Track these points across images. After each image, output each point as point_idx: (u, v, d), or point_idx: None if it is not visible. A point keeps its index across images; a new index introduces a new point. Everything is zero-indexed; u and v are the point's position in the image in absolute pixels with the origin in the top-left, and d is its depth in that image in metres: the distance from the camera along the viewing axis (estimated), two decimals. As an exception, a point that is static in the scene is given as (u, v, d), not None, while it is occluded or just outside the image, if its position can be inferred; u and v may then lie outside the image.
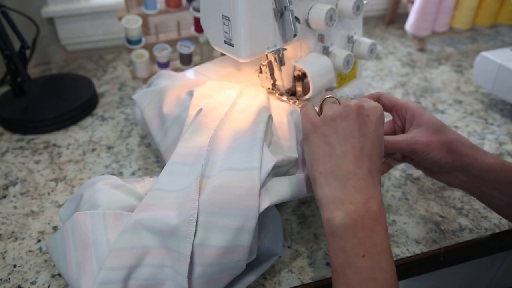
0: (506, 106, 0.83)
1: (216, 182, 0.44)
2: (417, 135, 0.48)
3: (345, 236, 0.38)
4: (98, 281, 0.39)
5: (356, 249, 0.37)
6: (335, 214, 0.38)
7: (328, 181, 0.40)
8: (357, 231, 0.37)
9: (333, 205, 0.39)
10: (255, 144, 0.46)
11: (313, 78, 0.57)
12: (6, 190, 0.64)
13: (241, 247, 0.42)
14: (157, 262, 0.42)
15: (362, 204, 0.38)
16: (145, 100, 0.62)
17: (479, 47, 1.09)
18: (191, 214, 0.41)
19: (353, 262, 0.37)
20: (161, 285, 0.42)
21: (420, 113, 0.50)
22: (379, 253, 0.37)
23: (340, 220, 0.38)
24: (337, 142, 0.41)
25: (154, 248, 0.42)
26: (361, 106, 0.42)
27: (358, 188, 0.39)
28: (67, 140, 0.75)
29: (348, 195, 0.39)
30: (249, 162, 0.45)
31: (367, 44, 0.62)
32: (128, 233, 0.42)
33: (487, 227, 0.56)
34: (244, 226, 0.41)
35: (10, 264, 0.52)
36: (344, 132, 0.41)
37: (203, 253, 0.41)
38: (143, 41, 0.82)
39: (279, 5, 0.51)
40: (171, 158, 0.49)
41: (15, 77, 0.77)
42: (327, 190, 0.40)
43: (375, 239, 0.37)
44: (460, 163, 0.47)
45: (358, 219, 0.38)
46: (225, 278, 0.43)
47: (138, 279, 0.41)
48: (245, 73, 0.66)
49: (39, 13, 0.97)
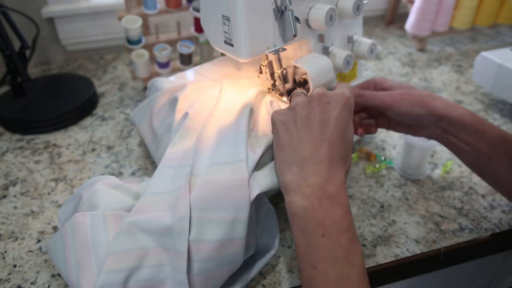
0: (506, 106, 0.83)
1: (205, 178, 0.44)
2: (392, 92, 0.53)
3: (304, 218, 0.39)
4: (98, 285, 0.39)
5: (315, 229, 0.38)
6: (294, 198, 0.40)
7: (288, 167, 0.42)
8: (315, 212, 0.39)
9: (292, 189, 0.41)
10: (239, 137, 0.47)
11: (313, 78, 0.57)
12: (6, 190, 0.64)
13: (236, 239, 0.42)
14: (155, 262, 0.42)
15: (318, 186, 0.40)
16: (139, 115, 0.65)
17: (479, 47, 1.09)
18: (183, 211, 0.42)
19: (313, 241, 0.38)
20: (162, 284, 0.42)
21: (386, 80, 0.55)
22: (338, 232, 0.38)
23: (298, 203, 0.40)
24: (295, 129, 0.43)
25: (151, 248, 0.42)
26: (323, 94, 0.44)
27: (315, 172, 0.40)
28: (67, 140, 0.75)
29: (305, 178, 0.40)
30: (235, 155, 0.46)
31: (367, 44, 0.62)
32: (124, 236, 0.42)
33: (487, 227, 0.56)
34: (237, 217, 0.42)
35: (10, 264, 0.52)
36: (302, 120, 0.43)
37: (200, 249, 0.41)
38: (143, 41, 0.82)
39: (279, 5, 0.51)
40: (161, 163, 0.50)
41: (15, 77, 0.77)
42: (287, 175, 0.42)
43: (333, 219, 0.38)
44: (433, 114, 0.51)
45: (315, 200, 0.39)
46: (224, 272, 0.43)
47: (138, 280, 0.41)
48: (245, 73, 0.67)
49: (39, 13, 0.97)
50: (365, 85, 0.57)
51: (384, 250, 0.53)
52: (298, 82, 0.61)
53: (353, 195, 0.61)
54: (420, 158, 0.63)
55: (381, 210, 0.59)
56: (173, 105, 0.59)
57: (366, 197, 0.61)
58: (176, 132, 0.53)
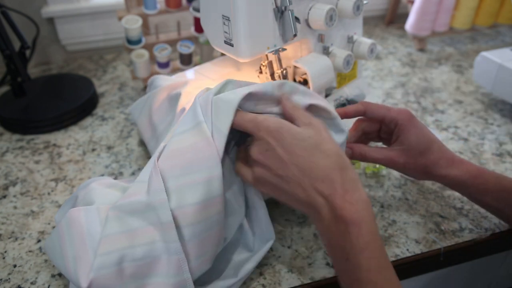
0: (506, 106, 0.83)
1: (170, 148, 0.44)
2: (397, 156, 0.52)
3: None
4: (95, 268, 0.40)
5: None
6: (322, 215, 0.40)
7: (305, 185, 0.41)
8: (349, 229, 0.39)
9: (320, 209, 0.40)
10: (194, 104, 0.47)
11: (313, 78, 0.57)
12: (6, 190, 0.64)
13: (216, 198, 0.43)
14: (147, 240, 0.43)
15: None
16: (137, 110, 0.65)
17: (479, 47, 1.09)
18: (157, 184, 0.42)
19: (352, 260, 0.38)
20: (156, 262, 0.42)
21: (407, 130, 0.52)
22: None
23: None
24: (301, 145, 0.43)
25: (140, 228, 0.43)
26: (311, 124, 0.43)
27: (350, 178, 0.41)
28: (67, 140, 0.75)
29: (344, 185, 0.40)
30: (193, 119, 0.45)
31: (367, 44, 0.62)
32: (113, 221, 0.43)
33: (487, 227, 0.56)
34: (211, 176, 0.42)
35: (10, 264, 0.52)
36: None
37: (185, 214, 0.42)
38: (143, 41, 0.82)
39: (279, 5, 0.51)
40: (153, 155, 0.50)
41: (15, 77, 0.77)
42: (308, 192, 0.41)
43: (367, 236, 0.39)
44: (434, 179, 0.54)
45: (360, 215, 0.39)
46: (213, 235, 0.44)
47: (133, 259, 0.42)
48: (245, 73, 0.66)
49: (39, 13, 0.97)
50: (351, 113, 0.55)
51: (384, 250, 0.53)
52: (298, 82, 0.61)
53: (353, 195, 0.61)
54: None
55: (381, 210, 0.59)
56: (173, 102, 0.59)
57: (366, 197, 0.61)
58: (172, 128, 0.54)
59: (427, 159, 0.52)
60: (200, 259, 0.43)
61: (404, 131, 0.52)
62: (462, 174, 0.51)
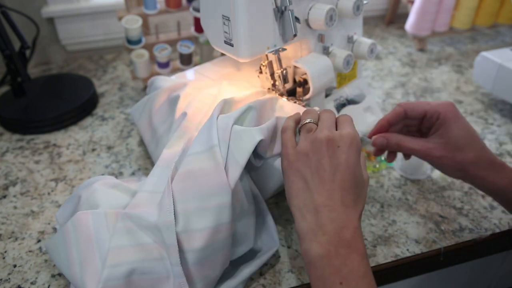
0: (506, 106, 0.83)
1: (182, 170, 0.44)
2: (434, 148, 0.50)
3: (321, 266, 0.39)
4: (103, 279, 0.40)
5: (333, 277, 0.38)
6: (310, 246, 0.40)
7: (302, 214, 0.42)
8: (332, 260, 0.38)
9: (308, 237, 0.40)
10: (210, 123, 0.47)
11: (313, 78, 0.57)
12: (6, 190, 0.64)
13: (224, 225, 0.43)
14: (156, 256, 0.43)
15: (334, 234, 0.39)
16: (137, 112, 0.65)
17: (479, 47, 1.09)
18: (167, 205, 0.42)
19: None
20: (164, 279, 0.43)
21: (449, 123, 0.50)
22: (356, 279, 0.38)
23: (315, 251, 0.39)
24: (310, 176, 0.42)
25: (150, 244, 0.43)
26: (331, 138, 0.43)
27: (330, 219, 0.40)
28: (67, 140, 0.75)
29: (320, 226, 0.40)
30: (208, 142, 0.45)
31: (367, 44, 0.62)
32: (123, 234, 0.43)
33: (487, 227, 0.56)
34: (221, 203, 0.42)
35: (10, 264, 0.52)
36: (316, 167, 0.42)
37: (190, 239, 0.42)
38: (143, 41, 0.82)
39: (279, 5, 0.51)
40: (157, 163, 0.51)
41: (15, 77, 0.77)
42: (302, 223, 0.41)
43: (350, 266, 0.38)
44: (469, 180, 0.51)
45: (332, 248, 0.39)
46: (218, 259, 0.44)
47: (141, 273, 0.42)
48: (245, 73, 0.66)
49: (39, 13, 0.96)
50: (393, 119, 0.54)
51: (384, 250, 0.53)
52: (298, 82, 0.61)
53: (353, 195, 0.61)
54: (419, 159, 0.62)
55: (381, 210, 0.59)
56: (173, 104, 0.59)
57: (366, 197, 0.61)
58: (174, 133, 0.54)
59: (466, 156, 0.49)
60: (204, 281, 0.43)
61: (446, 123, 0.50)
62: (501, 179, 0.48)
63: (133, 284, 0.41)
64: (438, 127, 0.51)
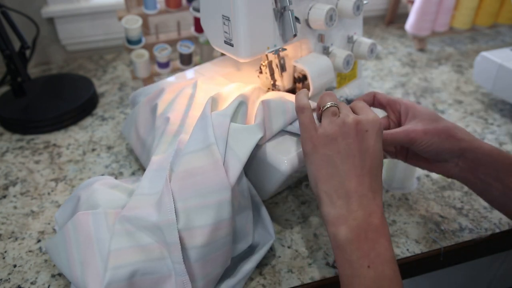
0: (506, 106, 0.83)
1: (181, 169, 0.45)
2: (414, 125, 0.49)
3: (350, 250, 0.39)
4: (106, 282, 0.40)
5: (361, 261, 0.39)
6: (339, 230, 0.40)
7: (332, 199, 0.42)
8: (361, 244, 0.39)
9: (338, 222, 0.41)
10: (205, 122, 0.47)
11: (313, 78, 0.57)
12: (6, 190, 0.64)
13: (224, 221, 0.43)
14: (157, 255, 0.43)
15: (364, 219, 0.40)
16: (127, 129, 0.66)
17: (479, 47, 1.09)
18: (168, 204, 0.42)
19: (358, 273, 0.38)
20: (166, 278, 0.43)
21: (413, 106, 0.51)
22: (383, 263, 0.38)
23: (344, 235, 0.40)
24: (340, 161, 0.42)
25: (150, 244, 0.43)
26: (359, 122, 0.43)
27: (360, 205, 0.40)
28: (67, 140, 0.75)
29: (351, 212, 0.40)
30: (205, 140, 0.46)
31: (367, 44, 0.62)
32: (123, 236, 0.43)
33: (487, 227, 0.56)
34: (221, 199, 0.43)
35: (10, 264, 0.52)
36: (345, 151, 0.42)
37: (192, 236, 0.42)
38: (143, 41, 0.82)
39: (279, 5, 0.51)
40: (149, 166, 0.51)
41: (15, 77, 0.77)
42: (331, 208, 0.41)
43: (378, 250, 0.39)
44: (458, 148, 0.48)
45: (361, 233, 0.39)
46: (219, 256, 0.44)
47: (144, 274, 0.42)
48: (245, 73, 0.67)
49: (39, 13, 0.96)
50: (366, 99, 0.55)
51: (384, 250, 0.53)
52: (298, 78, 0.61)
53: (353, 195, 0.61)
54: (405, 171, 0.60)
55: (381, 210, 0.59)
56: (155, 113, 0.60)
57: (366, 197, 0.61)
58: (160, 138, 0.54)
59: (446, 124, 0.49)
60: (206, 279, 0.43)
61: (411, 107, 0.51)
62: (485, 144, 0.48)
63: (136, 285, 0.41)
64: (406, 112, 0.51)
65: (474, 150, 0.48)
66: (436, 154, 0.49)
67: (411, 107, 0.51)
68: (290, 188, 0.62)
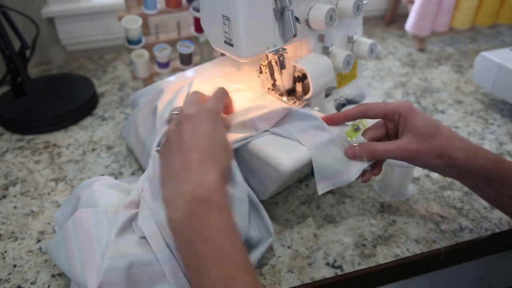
0: (506, 106, 0.83)
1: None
2: (408, 143, 0.49)
3: (182, 230, 0.39)
4: (103, 271, 0.41)
5: (194, 238, 0.38)
6: (170, 213, 0.40)
7: (164, 186, 0.42)
8: (191, 220, 0.38)
9: (167, 205, 0.40)
10: None
11: (313, 78, 0.57)
12: (6, 190, 0.64)
13: None
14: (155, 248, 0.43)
15: (190, 194, 0.39)
16: (126, 130, 0.66)
17: (479, 47, 1.09)
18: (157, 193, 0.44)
19: (194, 250, 0.38)
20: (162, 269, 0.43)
21: (411, 117, 0.51)
22: (216, 234, 0.38)
23: (174, 216, 0.39)
24: (169, 153, 0.43)
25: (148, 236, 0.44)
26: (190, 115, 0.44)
27: (185, 180, 0.40)
28: (67, 140, 0.75)
29: (176, 190, 0.40)
30: None
31: (367, 44, 0.62)
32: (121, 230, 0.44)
33: (487, 227, 0.56)
34: None
35: (10, 264, 0.52)
36: (174, 143, 0.43)
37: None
38: (143, 41, 0.82)
39: (279, 5, 0.51)
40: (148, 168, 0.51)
41: (15, 77, 0.77)
42: (163, 193, 0.41)
43: (210, 223, 0.38)
44: (451, 166, 0.49)
45: (189, 209, 0.38)
46: None
47: (141, 265, 0.42)
48: (245, 73, 0.67)
49: (39, 13, 0.96)
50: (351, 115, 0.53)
51: (384, 250, 0.53)
52: (297, 77, 0.61)
53: (353, 195, 0.61)
54: (401, 178, 0.59)
55: (381, 210, 0.59)
56: (155, 115, 0.60)
57: (366, 197, 0.61)
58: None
59: (441, 141, 0.49)
60: None
61: (409, 118, 0.50)
62: (480, 158, 0.48)
63: (133, 276, 0.42)
64: (404, 123, 0.51)
65: (467, 167, 0.48)
66: (430, 168, 0.51)
67: (409, 119, 0.51)
68: (290, 188, 0.62)
